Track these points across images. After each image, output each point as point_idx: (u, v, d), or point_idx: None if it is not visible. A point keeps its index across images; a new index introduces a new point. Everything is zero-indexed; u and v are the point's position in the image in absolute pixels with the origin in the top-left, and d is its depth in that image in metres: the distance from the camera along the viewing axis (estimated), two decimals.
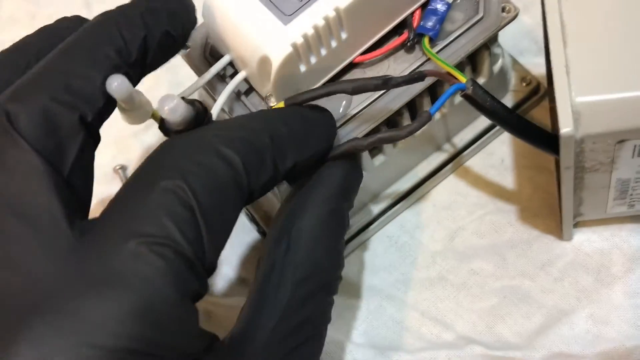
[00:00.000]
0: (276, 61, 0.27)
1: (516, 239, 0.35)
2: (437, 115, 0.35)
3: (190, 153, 0.23)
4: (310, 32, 0.27)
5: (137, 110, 0.25)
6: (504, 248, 0.35)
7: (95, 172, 0.25)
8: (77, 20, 0.29)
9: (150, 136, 0.41)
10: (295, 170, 0.26)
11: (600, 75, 0.25)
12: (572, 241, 0.34)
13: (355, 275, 0.36)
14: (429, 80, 0.30)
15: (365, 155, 0.33)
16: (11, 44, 0.30)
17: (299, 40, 0.27)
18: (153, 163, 0.23)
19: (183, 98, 0.25)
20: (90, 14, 0.44)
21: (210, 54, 0.32)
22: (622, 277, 0.33)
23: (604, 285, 0.33)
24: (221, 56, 0.31)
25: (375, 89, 0.28)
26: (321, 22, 0.27)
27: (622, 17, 0.26)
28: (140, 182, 0.23)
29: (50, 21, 0.31)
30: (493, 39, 0.34)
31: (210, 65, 0.31)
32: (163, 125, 0.25)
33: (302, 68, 0.28)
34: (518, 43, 0.39)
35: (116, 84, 0.23)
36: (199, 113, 0.26)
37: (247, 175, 0.23)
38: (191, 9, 0.28)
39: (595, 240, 0.34)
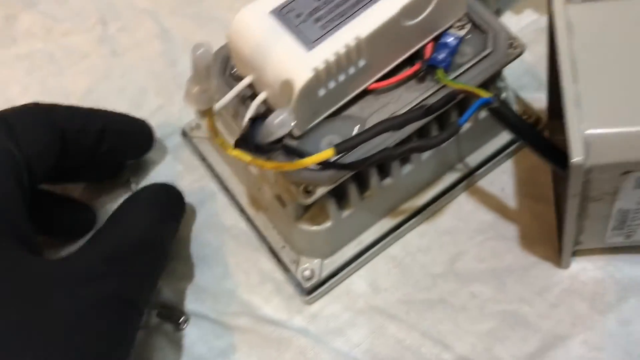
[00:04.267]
0: (298, 84, 0.28)
1: (515, 265, 0.36)
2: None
3: None
4: (332, 58, 0.28)
5: (206, 93, 0.26)
6: (503, 273, 0.36)
7: None
8: None
9: None
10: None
11: (609, 110, 0.27)
12: (569, 269, 0.36)
13: (359, 294, 0.36)
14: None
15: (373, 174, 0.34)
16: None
17: (321, 66, 0.28)
18: None
19: None
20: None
21: (230, 75, 0.33)
22: (616, 305, 0.34)
23: (598, 313, 0.34)
24: (241, 79, 0.32)
25: (419, 119, 0.29)
26: (342, 50, 0.29)
27: (632, 57, 0.28)
28: None
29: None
30: (498, 73, 0.35)
31: (229, 85, 0.32)
32: (244, 139, 0.27)
33: (321, 92, 0.29)
34: (519, 78, 0.41)
35: (200, 51, 0.25)
36: None
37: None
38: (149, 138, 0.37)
39: (591, 268, 0.35)
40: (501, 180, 0.39)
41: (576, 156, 0.26)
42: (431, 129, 0.33)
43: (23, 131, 0.31)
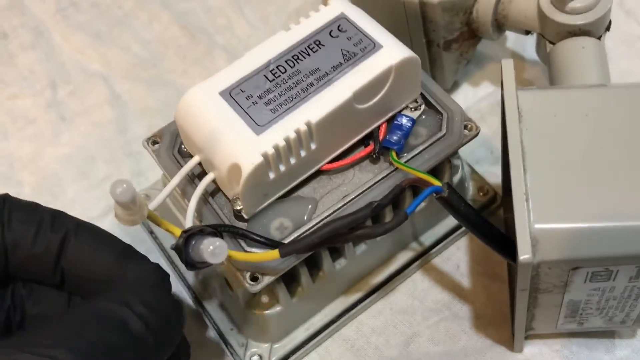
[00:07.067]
0: (246, 170, 0.27)
1: (469, 347, 0.35)
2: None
3: None
4: (282, 143, 0.28)
5: (136, 214, 0.25)
6: (457, 356, 0.35)
7: None
8: None
9: None
10: None
11: (558, 204, 0.26)
12: (524, 352, 0.35)
13: None
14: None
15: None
16: None
17: (270, 151, 0.27)
18: None
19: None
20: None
21: (178, 151, 0.32)
22: None
23: None
24: (189, 155, 0.31)
25: (366, 218, 0.28)
26: (292, 135, 0.28)
27: (580, 149, 0.28)
28: None
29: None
30: (454, 152, 0.35)
31: (178, 162, 0.31)
32: (179, 250, 0.26)
33: (271, 175, 0.29)
34: (475, 152, 0.41)
35: (120, 190, 0.24)
36: None
37: None
38: None
39: (547, 352, 0.35)
40: (456, 258, 0.38)
41: (523, 254, 0.25)
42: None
43: None
